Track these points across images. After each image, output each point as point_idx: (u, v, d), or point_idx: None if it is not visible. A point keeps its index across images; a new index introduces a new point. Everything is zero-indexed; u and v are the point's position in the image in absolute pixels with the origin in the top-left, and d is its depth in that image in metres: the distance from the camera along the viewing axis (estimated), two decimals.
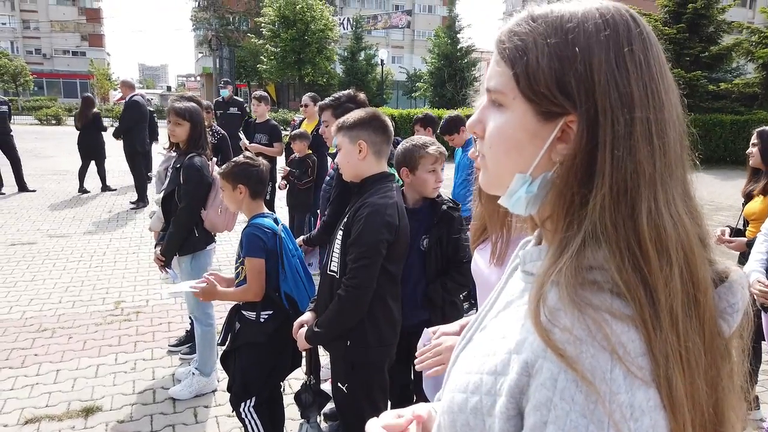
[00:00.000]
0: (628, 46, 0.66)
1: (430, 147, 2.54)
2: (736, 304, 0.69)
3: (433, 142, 2.61)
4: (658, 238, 0.63)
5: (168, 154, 4.28)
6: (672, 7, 17.76)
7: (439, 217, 2.53)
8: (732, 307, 0.69)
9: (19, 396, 3.52)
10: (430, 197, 2.56)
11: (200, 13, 50.32)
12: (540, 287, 0.66)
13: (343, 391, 2.21)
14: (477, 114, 0.78)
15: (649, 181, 0.64)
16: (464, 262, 2.50)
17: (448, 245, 2.53)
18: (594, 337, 0.60)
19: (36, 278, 5.68)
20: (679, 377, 0.60)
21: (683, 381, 0.61)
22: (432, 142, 2.60)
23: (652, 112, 0.65)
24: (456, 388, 0.75)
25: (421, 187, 2.52)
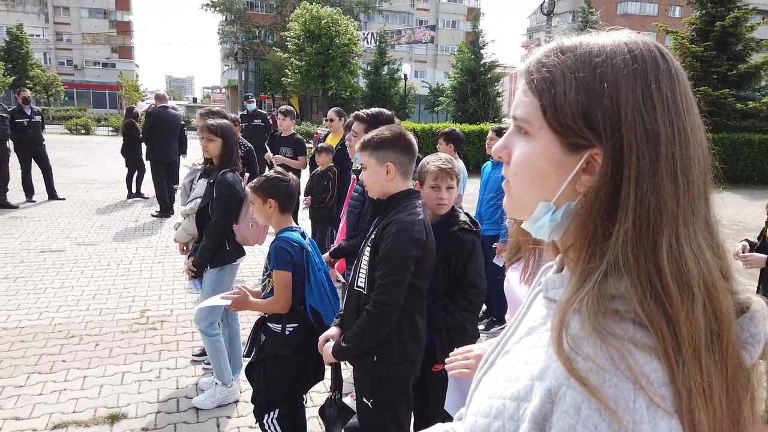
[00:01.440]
0: (655, 83, 0.67)
1: (432, 163, 2.54)
2: (758, 334, 0.69)
3: (439, 158, 2.61)
4: (679, 273, 0.65)
5: (194, 167, 4.38)
6: (699, 25, 17.60)
7: (447, 236, 2.52)
8: (754, 337, 0.69)
9: (47, 401, 3.59)
10: (438, 214, 2.56)
11: (227, 27, 51.31)
12: (562, 315, 0.67)
13: (368, 406, 2.22)
14: (503, 139, 0.81)
15: (671, 217, 0.66)
16: (470, 287, 2.48)
17: (456, 267, 2.51)
18: (617, 367, 0.61)
19: (65, 285, 5.81)
20: (702, 411, 0.61)
21: (705, 413, 0.62)
22: (438, 158, 2.60)
23: (678, 149, 0.67)
24: (479, 413, 0.77)
25: (427, 202, 2.52)
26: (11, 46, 45.39)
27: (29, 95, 10.48)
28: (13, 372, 3.95)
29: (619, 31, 0.75)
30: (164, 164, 9.71)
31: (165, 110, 9.66)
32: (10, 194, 9.68)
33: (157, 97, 9.96)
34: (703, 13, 17.58)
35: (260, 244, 3.72)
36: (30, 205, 9.92)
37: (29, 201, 10.08)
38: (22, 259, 6.65)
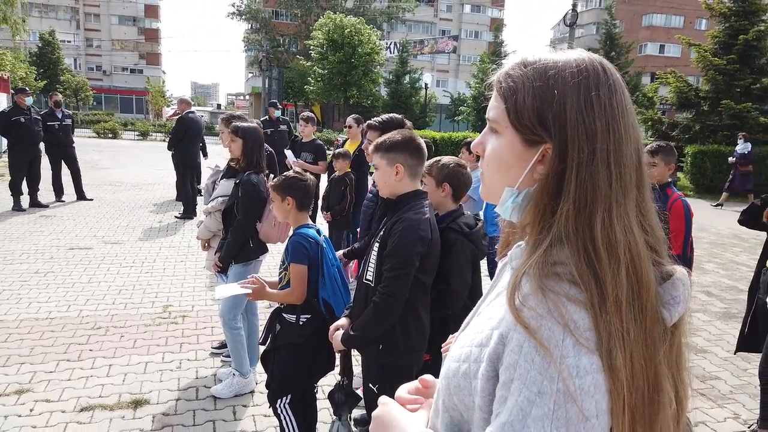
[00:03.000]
0: (595, 91, 0.84)
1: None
2: (678, 296, 0.85)
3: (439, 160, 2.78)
4: (609, 243, 0.80)
5: (216, 169, 4.60)
6: (723, 38, 17.54)
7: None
8: (675, 299, 0.84)
9: (75, 386, 3.81)
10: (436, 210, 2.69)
11: (252, 35, 52.19)
12: (516, 277, 0.84)
13: (374, 391, 2.38)
14: (480, 137, 0.99)
15: (604, 198, 0.81)
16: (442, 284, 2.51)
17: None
18: (552, 315, 0.77)
19: (92, 280, 6.06)
20: (618, 351, 0.76)
21: (622, 353, 0.77)
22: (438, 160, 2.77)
23: (612, 145, 0.83)
24: (452, 359, 0.94)
25: (433, 201, 2.63)
26: (43, 51, 46.69)
27: (61, 99, 10.88)
28: (43, 359, 4.18)
29: (573, 50, 0.92)
30: (191, 167, 10.03)
31: (194, 115, 9.99)
32: (41, 194, 10.04)
33: (185, 103, 10.25)
34: (726, 27, 17.52)
35: (282, 242, 3.90)
36: (59, 204, 10.28)
37: (59, 201, 10.44)
38: (51, 255, 6.95)
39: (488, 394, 0.82)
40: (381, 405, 1.08)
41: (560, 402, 0.74)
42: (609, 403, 0.76)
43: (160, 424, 3.42)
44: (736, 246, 9.53)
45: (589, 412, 0.74)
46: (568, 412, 0.74)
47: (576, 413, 0.74)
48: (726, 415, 3.85)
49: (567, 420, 0.74)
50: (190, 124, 9.79)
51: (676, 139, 18.00)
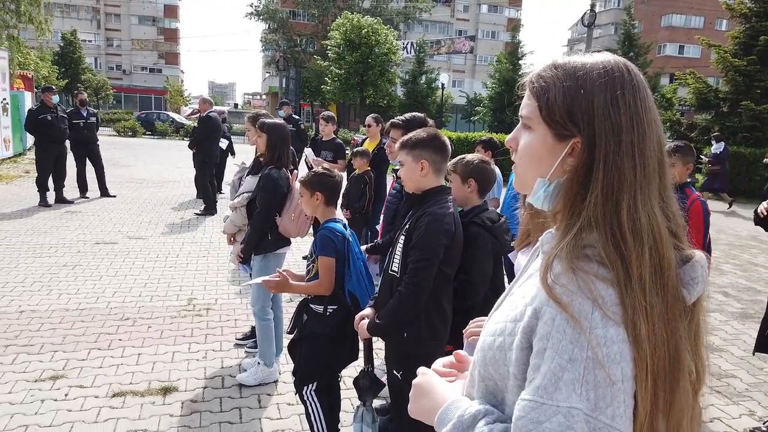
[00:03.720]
0: (620, 90, 0.93)
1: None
2: (696, 278, 0.94)
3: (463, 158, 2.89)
4: (634, 227, 0.89)
5: (242, 165, 4.73)
6: (743, 39, 17.37)
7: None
8: (693, 280, 0.94)
9: (107, 374, 3.96)
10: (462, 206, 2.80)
11: (270, 35, 52.51)
12: (548, 258, 0.93)
13: (398, 377, 2.48)
14: (513, 132, 1.09)
15: (629, 186, 0.91)
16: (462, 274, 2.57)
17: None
18: (582, 291, 0.86)
19: (118, 274, 6.24)
20: (642, 323, 0.86)
21: (646, 326, 0.86)
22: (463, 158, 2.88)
23: (636, 138, 0.92)
24: (487, 333, 1.04)
25: (456, 197, 2.73)
26: (65, 50, 47.41)
27: (86, 97, 11.14)
28: (75, 347, 4.34)
29: (599, 53, 1.02)
30: (212, 165, 10.23)
31: (215, 114, 10.16)
32: (66, 190, 10.28)
33: (207, 102, 10.40)
34: (747, 27, 17.35)
35: (302, 236, 4.03)
36: (83, 201, 10.52)
37: (83, 197, 10.69)
38: (78, 249, 7.15)
39: (522, 363, 0.92)
40: (420, 374, 1.19)
41: (589, 367, 0.83)
42: (633, 370, 0.85)
43: (188, 410, 3.55)
44: (754, 248, 9.49)
45: (615, 377, 0.84)
46: (597, 376, 0.83)
47: (603, 378, 0.83)
48: (741, 411, 3.90)
49: (595, 384, 0.83)
50: (213, 124, 9.98)
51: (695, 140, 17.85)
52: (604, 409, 0.83)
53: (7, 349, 4.24)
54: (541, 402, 0.85)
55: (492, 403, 1.02)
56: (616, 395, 0.84)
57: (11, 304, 5.15)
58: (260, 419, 3.50)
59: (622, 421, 0.84)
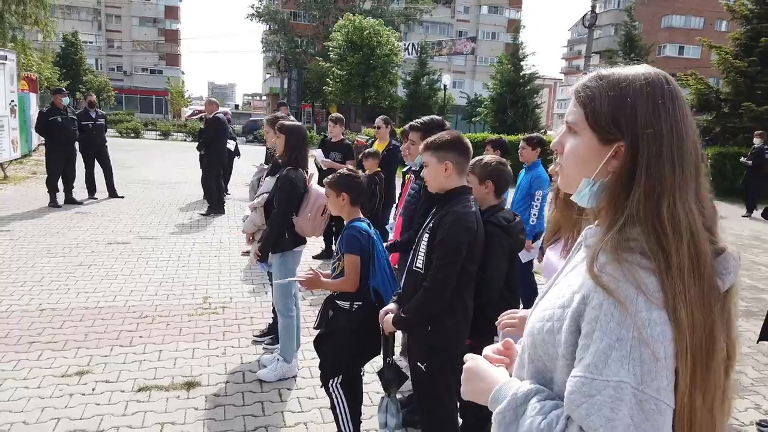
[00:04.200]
0: (661, 99, 1.05)
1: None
2: (729, 268, 1.05)
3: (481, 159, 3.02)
4: (673, 222, 1.01)
5: (261, 167, 4.85)
6: (744, 40, 17.51)
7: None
8: (726, 270, 1.05)
9: (130, 369, 4.08)
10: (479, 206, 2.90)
11: (271, 36, 52.66)
12: (594, 250, 1.05)
13: (422, 369, 2.60)
14: (559, 137, 1.20)
15: (669, 186, 1.02)
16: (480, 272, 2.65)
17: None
18: (627, 278, 0.98)
19: (133, 273, 6.36)
20: (681, 307, 0.97)
21: (684, 309, 0.97)
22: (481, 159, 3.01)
23: (675, 143, 1.03)
24: (536, 319, 1.15)
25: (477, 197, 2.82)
26: (66, 52, 47.58)
27: (95, 99, 11.26)
28: (98, 344, 4.46)
29: (640, 65, 1.14)
30: (218, 166, 10.35)
31: (221, 116, 10.28)
32: (74, 191, 10.39)
33: (213, 104, 10.52)
34: (748, 29, 17.48)
35: (317, 236, 4.14)
36: (92, 202, 10.63)
37: (91, 198, 10.79)
38: (92, 249, 7.26)
39: (570, 345, 1.04)
40: (470, 359, 1.30)
41: (635, 346, 0.95)
42: (674, 349, 0.97)
43: (212, 404, 3.67)
44: (756, 247, 9.60)
45: (658, 354, 0.95)
46: (642, 354, 0.95)
47: (648, 355, 0.95)
48: (747, 405, 4.01)
49: (641, 360, 0.95)
50: (221, 125, 10.09)
51: None
52: (650, 383, 0.94)
53: (32, 346, 4.35)
54: (591, 378, 0.96)
55: (540, 383, 1.13)
56: (659, 371, 0.95)
57: (31, 303, 5.26)
58: (282, 412, 3.61)
59: (665, 394, 0.96)
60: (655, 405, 0.94)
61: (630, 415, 0.93)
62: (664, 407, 0.95)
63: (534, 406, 1.07)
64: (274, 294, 4.00)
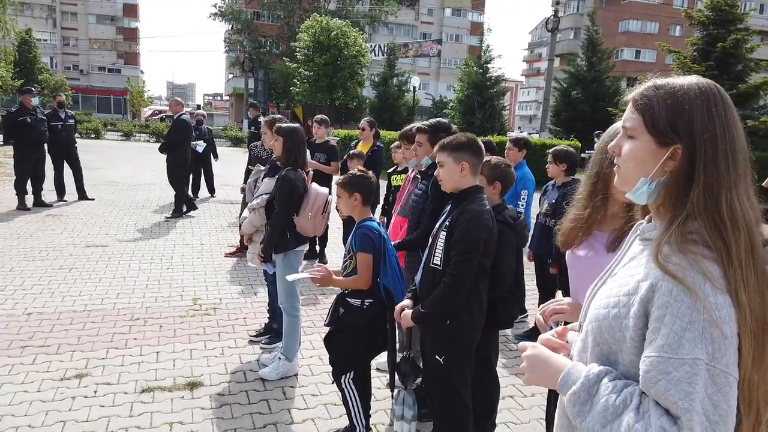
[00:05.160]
0: (714, 106, 1.17)
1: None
2: None
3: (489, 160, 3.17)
4: (732, 216, 1.14)
5: (258, 168, 4.88)
6: (701, 46, 18.27)
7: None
8: None
9: (130, 371, 4.06)
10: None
11: (234, 36, 51.96)
12: (658, 243, 1.17)
13: (440, 362, 2.70)
14: (617, 140, 1.33)
15: (725, 183, 1.15)
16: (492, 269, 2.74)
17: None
18: (693, 267, 1.11)
19: (117, 276, 6.27)
20: (742, 290, 1.10)
21: (745, 293, 1.10)
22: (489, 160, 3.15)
23: (729, 145, 1.16)
24: (599, 306, 1.26)
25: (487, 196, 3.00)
26: (20, 50, 45.79)
27: (64, 99, 10.99)
28: (92, 347, 4.41)
29: (690, 76, 1.26)
30: (184, 168, 10.13)
31: (186, 117, 10.03)
32: (43, 194, 10.13)
33: (179, 104, 10.23)
34: (705, 34, 18.25)
35: (318, 235, 4.21)
36: (62, 204, 10.38)
37: (61, 200, 10.53)
38: (70, 252, 7.12)
39: (639, 328, 1.15)
40: (530, 347, 1.39)
41: (707, 327, 1.07)
42: (737, 329, 1.09)
43: (218, 403, 3.69)
44: None
45: (726, 333, 1.08)
46: (713, 333, 1.07)
47: (718, 334, 1.07)
48: None
49: (712, 339, 1.07)
50: (186, 127, 9.86)
51: None
52: (720, 359, 1.07)
53: (24, 350, 4.28)
54: (667, 357, 1.08)
55: (605, 364, 1.24)
56: (728, 348, 1.08)
57: (16, 307, 5.16)
58: (289, 410, 3.67)
59: (733, 368, 1.08)
60: (725, 378, 1.07)
61: (704, 388, 1.05)
62: (732, 380, 1.08)
63: (607, 385, 1.17)
64: (280, 293, 4.04)
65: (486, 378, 3.09)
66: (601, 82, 27.75)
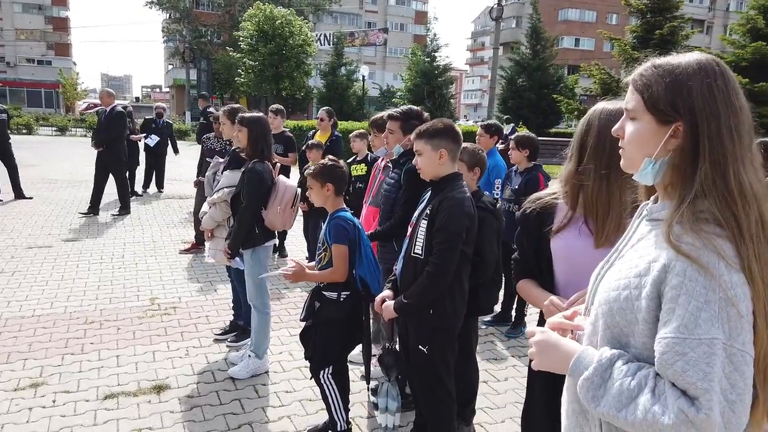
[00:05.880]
0: (713, 80, 1.16)
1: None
2: None
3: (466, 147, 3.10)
4: (741, 190, 1.13)
5: (216, 161, 4.70)
6: (640, 33, 18.92)
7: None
8: None
9: (89, 377, 3.85)
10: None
11: (173, 25, 50.21)
12: (669, 223, 1.15)
13: (424, 352, 2.67)
14: (619, 123, 1.31)
15: (732, 158, 1.14)
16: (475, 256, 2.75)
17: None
18: (707, 246, 1.09)
19: (65, 277, 5.95)
20: (755, 267, 1.09)
21: (758, 269, 1.09)
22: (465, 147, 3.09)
23: (732, 119, 1.15)
24: (609, 289, 1.23)
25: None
26: None
27: None
28: (46, 354, 4.16)
29: (691, 53, 1.25)
30: (124, 163, 9.73)
31: (122, 109, 9.51)
32: None
33: (111, 95, 9.63)
34: (643, 22, 18.90)
35: (287, 228, 4.10)
36: None
37: None
38: (12, 254, 6.71)
39: (652, 310, 1.13)
40: (539, 332, 1.36)
41: (723, 306, 1.06)
42: (752, 307, 1.09)
43: (188, 405, 3.55)
44: None
45: (742, 312, 1.07)
46: (729, 312, 1.06)
47: (735, 313, 1.06)
48: None
49: (728, 318, 1.06)
50: (122, 119, 9.37)
51: None
52: (737, 338, 1.06)
53: None
54: (683, 337, 1.06)
55: (616, 347, 1.21)
56: (744, 327, 1.07)
57: None
58: (263, 408, 3.56)
59: (749, 346, 1.07)
60: (741, 357, 1.06)
61: (722, 368, 1.04)
62: (748, 358, 1.07)
63: (621, 369, 1.14)
64: (249, 290, 3.91)
65: (466, 365, 3.08)
66: (545, 70, 28.36)
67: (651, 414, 1.06)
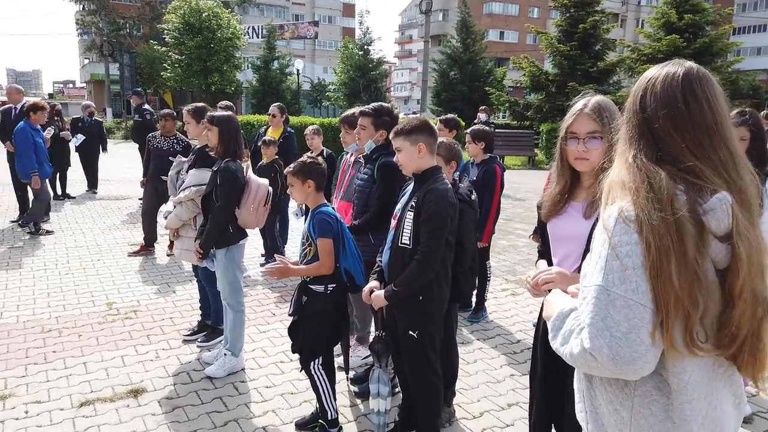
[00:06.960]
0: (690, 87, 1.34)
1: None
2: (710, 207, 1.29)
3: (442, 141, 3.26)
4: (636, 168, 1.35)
5: (180, 159, 4.64)
6: (565, 27, 19.78)
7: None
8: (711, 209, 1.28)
9: (59, 386, 3.74)
10: None
11: (88, 17, 47.66)
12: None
13: (414, 337, 2.81)
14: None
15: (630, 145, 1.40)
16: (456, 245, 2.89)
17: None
18: (613, 213, 1.30)
19: (9, 286, 5.68)
20: (645, 218, 1.24)
21: (646, 218, 1.24)
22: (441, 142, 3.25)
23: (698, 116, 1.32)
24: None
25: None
26: None
27: None
28: (7, 365, 4.00)
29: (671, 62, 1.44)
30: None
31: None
32: None
33: (19, 92, 8.94)
34: (567, 16, 19.76)
35: (260, 227, 4.12)
36: None
37: None
38: None
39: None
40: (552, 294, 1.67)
41: (609, 260, 1.27)
42: (643, 261, 1.24)
43: (169, 407, 3.53)
44: None
45: (627, 264, 1.24)
46: (613, 265, 1.26)
47: (618, 265, 1.26)
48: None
49: (612, 269, 1.26)
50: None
51: (531, 118, 19.98)
52: (619, 285, 1.25)
53: None
54: (584, 286, 1.35)
55: None
56: (628, 277, 1.24)
57: None
58: (246, 404, 3.60)
59: (634, 294, 1.24)
60: (624, 302, 1.25)
61: (605, 308, 1.26)
62: (632, 303, 1.24)
63: (573, 316, 1.40)
64: (223, 289, 3.91)
65: (448, 348, 3.25)
66: (476, 63, 29.09)
67: (572, 346, 1.34)
